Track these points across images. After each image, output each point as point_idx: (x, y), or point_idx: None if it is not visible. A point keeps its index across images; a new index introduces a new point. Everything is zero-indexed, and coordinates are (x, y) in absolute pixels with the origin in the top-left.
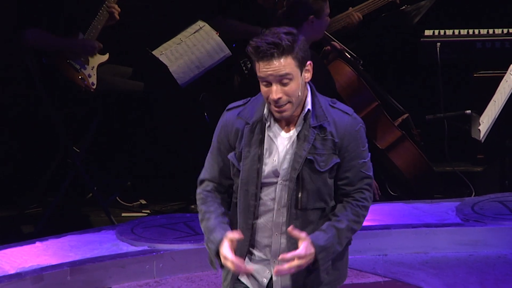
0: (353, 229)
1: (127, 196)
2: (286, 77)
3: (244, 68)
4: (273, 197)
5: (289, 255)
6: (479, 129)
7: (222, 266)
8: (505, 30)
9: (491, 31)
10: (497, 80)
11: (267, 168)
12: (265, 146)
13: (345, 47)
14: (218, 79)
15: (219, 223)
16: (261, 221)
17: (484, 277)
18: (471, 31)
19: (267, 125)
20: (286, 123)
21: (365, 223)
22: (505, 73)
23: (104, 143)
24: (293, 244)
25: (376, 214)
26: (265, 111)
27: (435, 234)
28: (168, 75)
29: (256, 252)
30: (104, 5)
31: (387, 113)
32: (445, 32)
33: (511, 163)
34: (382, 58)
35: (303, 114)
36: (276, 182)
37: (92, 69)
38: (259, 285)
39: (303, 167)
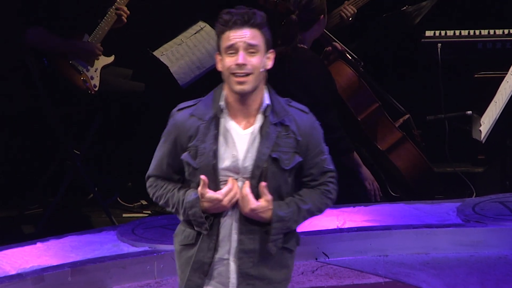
0: (313, 213)
1: (128, 197)
2: (254, 47)
3: None
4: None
5: (249, 198)
6: (480, 130)
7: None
8: (506, 31)
9: (492, 31)
10: (498, 81)
11: (224, 164)
12: (221, 141)
13: (346, 48)
14: (219, 80)
15: (184, 192)
16: (221, 217)
17: (484, 277)
18: (472, 32)
19: (222, 120)
20: (243, 118)
21: (365, 224)
22: (506, 73)
23: (105, 144)
24: (248, 240)
25: (377, 214)
26: (221, 102)
27: (436, 235)
28: (169, 75)
29: (217, 254)
30: (112, 7)
31: (388, 114)
32: (446, 33)
33: None
34: (383, 59)
35: (262, 109)
36: (236, 179)
37: (95, 71)
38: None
39: (268, 165)
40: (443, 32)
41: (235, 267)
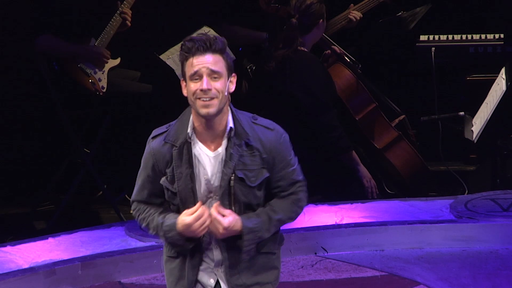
0: (284, 222)
1: None
2: (217, 73)
3: (250, 73)
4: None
5: (219, 219)
6: (472, 130)
7: (189, 244)
8: (497, 36)
9: (483, 36)
10: (489, 83)
11: (202, 186)
12: (195, 164)
13: (344, 51)
14: None
15: (164, 216)
16: (204, 235)
17: (476, 271)
18: (464, 36)
19: (192, 144)
20: (211, 141)
21: (362, 220)
22: (497, 76)
23: (114, 144)
24: (232, 255)
25: (373, 211)
26: (189, 129)
27: (429, 230)
28: (175, 78)
29: (201, 270)
30: (117, 12)
31: (384, 115)
32: (439, 37)
33: (502, 163)
34: (380, 62)
35: (227, 133)
36: (211, 197)
37: (103, 73)
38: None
39: (235, 184)
40: (436, 37)
41: (223, 277)
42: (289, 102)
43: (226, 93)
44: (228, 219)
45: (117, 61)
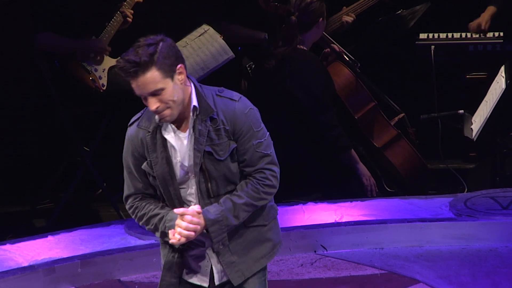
0: (253, 204)
1: None
2: (155, 92)
3: (250, 72)
4: (192, 192)
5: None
6: (471, 128)
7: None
8: (496, 34)
9: (482, 34)
10: (489, 82)
11: (177, 168)
12: (169, 147)
13: (343, 50)
14: (223, 80)
15: (166, 210)
16: None
17: (476, 269)
18: (464, 35)
19: (163, 128)
20: (181, 122)
21: (362, 218)
22: (497, 74)
23: (114, 142)
24: (215, 230)
25: (372, 209)
26: (156, 116)
27: (429, 228)
28: None
29: (193, 252)
30: (119, 10)
31: (383, 113)
32: (439, 36)
33: (502, 161)
34: (379, 60)
35: (191, 111)
36: (189, 177)
37: (103, 71)
38: (201, 274)
39: (205, 160)
40: (436, 35)
41: (216, 260)
42: (289, 100)
43: (175, 97)
44: (194, 220)
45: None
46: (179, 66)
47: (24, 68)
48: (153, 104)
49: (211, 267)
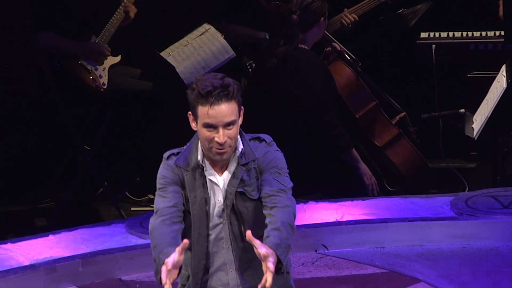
0: (288, 223)
1: (136, 191)
2: (230, 123)
3: (250, 70)
4: (222, 236)
5: (262, 252)
6: (472, 127)
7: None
8: (497, 33)
9: (484, 33)
10: (490, 81)
11: (214, 210)
12: (208, 189)
13: (345, 49)
14: None
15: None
16: (216, 261)
17: (476, 268)
18: (465, 34)
19: (204, 169)
20: (219, 166)
21: (363, 217)
22: (497, 73)
23: (114, 141)
24: (248, 276)
25: (374, 208)
26: (199, 157)
27: (430, 228)
28: (176, 75)
29: None
30: (120, 6)
31: (384, 112)
32: (440, 35)
33: (503, 160)
34: (380, 60)
35: (237, 155)
36: (222, 222)
37: (103, 70)
38: None
39: (237, 201)
40: (437, 34)
41: None
42: (289, 100)
43: (237, 136)
44: (266, 251)
45: (118, 58)
46: (242, 107)
47: (24, 67)
48: (223, 136)
49: None
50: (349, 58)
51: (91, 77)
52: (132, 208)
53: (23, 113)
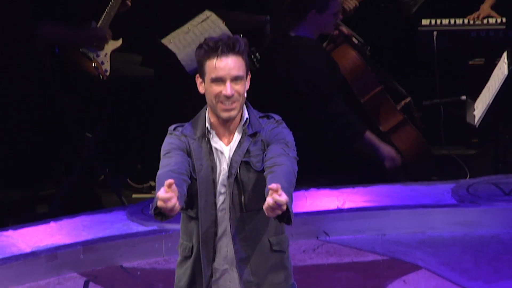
0: (289, 176)
1: (137, 178)
2: (237, 77)
3: (253, 57)
4: (224, 207)
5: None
6: (473, 114)
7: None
8: (499, 20)
9: (485, 20)
10: (491, 68)
11: (219, 178)
12: (215, 157)
13: (353, 33)
14: None
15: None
16: (220, 230)
17: (478, 255)
18: (466, 21)
19: (210, 137)
20: (226, 136)
21: (364, 204)
22: (499, 61)
23: (116, 128)
24: (243, 247)
25: (375, 195)
26: (207, 124)
27: (431, 215)
28: (177, 62)
29: (216, 265)
30: None
31: (390, 97)
32: (441, 22)
33: (504, 147)
34: (382, 47)
35: (242, 124)
36: (225, 191)
37: (105, 56)
38: None
39: (241, 171)
40: (438, 21)
41: (237, 277)
42: (292, 91)
43: (244, 94)
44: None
45: (119, 42)
46: (249, 72)
47: (26, 56)
48: (231, 89)
49: None
50: (357, 41)
51: (93, 64)
52: (134, 195)
53: (25, 101)
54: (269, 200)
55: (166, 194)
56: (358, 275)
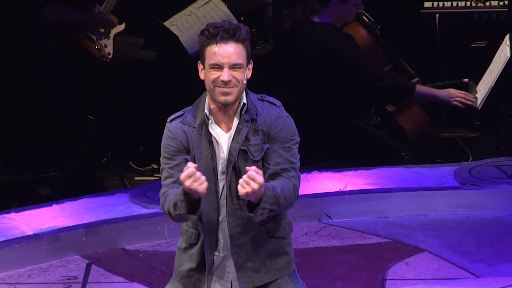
0: (287, 196)
1: (140, 161)
2: (235, 65)
3: (252, 40)
4: (225, 193)
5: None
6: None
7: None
8: (501, 2)
9: (487, 3)
10: (493, 50)
11: (220, 166)
12: (214, 144)
13: (363, 11)
14: None
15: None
16: (220, 217)
17: (480, 238)
18: (468, 3)
19: (209, 123)
20: (225, 122)
21: (367, 187)
22: (501, 43)
23: (118, 111)
24: (237, 234)
25: (377, 178)
26: (206, 110)
27: (434, 197)
28: (179, 45)
29: (216, 252)
30: None
31: None
32: (443, 4)
33: (507, 129)
34: (384, 29)
35: (239, 109)
36: (223, 178)
37: (108, 39)
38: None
39: (239, 159)
40: (441, 3)
41: (232, 262)
42: (316, 70)
43: (244, 81)
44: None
45: (122, 26)
46: (251, 61)
47: (29, 38)
48: (228, 75)
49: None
50: (367, 20)
51: (96, 47)
52: (136, 178)
53: (28, 83)
54: (244, 177)
55: (189, 171)
56: (360, 257)
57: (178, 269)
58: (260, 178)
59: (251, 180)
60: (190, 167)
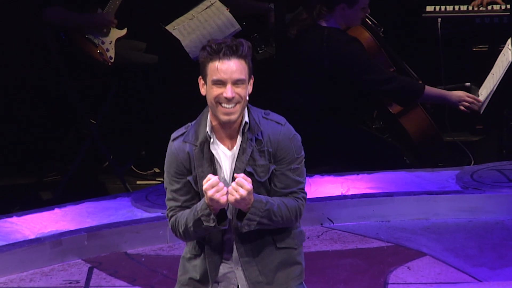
0: (284, 219)
1: (142, 165)
2: (238, 80)
3: (254, 43)
4: (229, 210)
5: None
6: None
7: (218, 221)
8: (503, 6)
9: (489, 7)
10: (495, 54)
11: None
12: (215, 163)
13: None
14: None
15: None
16: (226, 236)
17: (482, 242)
18: (470, 7)
19: (211, 142)
20: (228, 139)
21: (369, 191)
22: (503, 47)
23: (120, 114)
24: (245, 252)
25: (379, 182)
26: (208, 128)
27: (436, 201)
28: (181, 49)
29: (221, 268)
30: None
31: None
32: (445, 8)
33: (509, 133)
34: (386, 33)
35: (242, 127)
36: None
37: (110, 44)
38: None
39: None
40: (443, 7)
41: (242, 276)
42: (316, 71)
43: (246, 97)
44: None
45: (124, 31)
46: (252, 76)
47: (31, 41)
48: (231, 91)
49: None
50: (370, 23)
51: (98, 51)
52: (138, 182)
53: (29, 86)
54: (232, 184)
55: (213, 181)
56: (362, 261)
57: (180, 278)
58: (248, 185)
59: (239, 186)
60: (213, 177)
